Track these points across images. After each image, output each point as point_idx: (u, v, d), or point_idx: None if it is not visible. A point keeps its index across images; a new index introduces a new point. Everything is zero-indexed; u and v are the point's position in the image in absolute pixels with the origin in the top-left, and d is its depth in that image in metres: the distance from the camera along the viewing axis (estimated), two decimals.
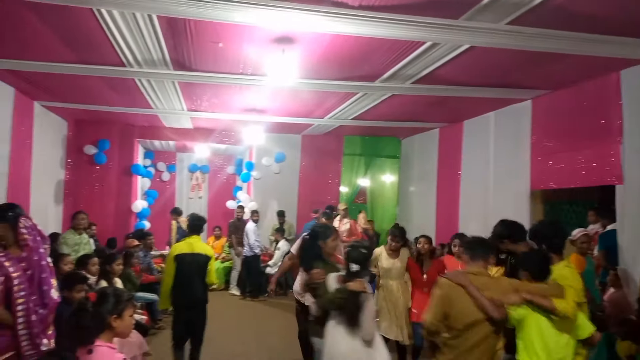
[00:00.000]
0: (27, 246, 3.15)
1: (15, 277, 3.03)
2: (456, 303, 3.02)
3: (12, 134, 6.60)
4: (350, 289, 3.41)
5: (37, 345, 3.13)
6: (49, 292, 3.25)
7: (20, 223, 3.17)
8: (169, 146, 11.51)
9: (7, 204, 3.32)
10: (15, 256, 3.10)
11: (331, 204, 10.33)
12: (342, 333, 3.42)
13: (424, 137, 9.81)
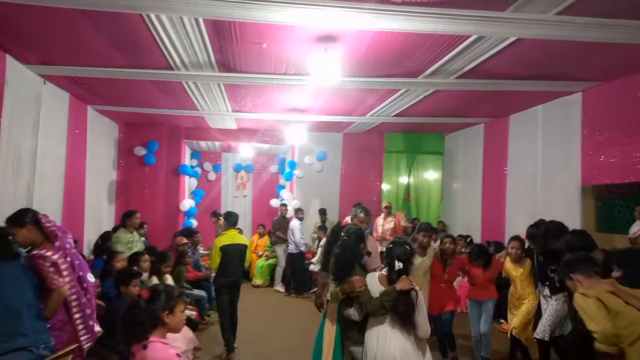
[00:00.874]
0: (57, 236, 3.30)
1: (61, 262, 3.20)
2: (618, 308, 2.75)
3: (68, 136, 6.92)
4: (400, 289, 3.21)
5: (91, 328, 3.30)
6: (86, 276, 3.42)
7: (42, 219, 3.32)
8: (215, 146, 11.78)
9: (21, 210, 3.42)
10: (52, 247, 3.27)
11: (372, 201, 10.37)
12: (394, 335, 3.24)
13: (469, 133, 9.62)
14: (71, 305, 3.23)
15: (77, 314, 3.26)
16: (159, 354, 2.27)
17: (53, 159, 6.49)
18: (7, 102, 5.17)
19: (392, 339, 3.24)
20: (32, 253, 3.19)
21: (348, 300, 3.53)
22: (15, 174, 5.47)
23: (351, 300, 3.50)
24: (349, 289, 3.46)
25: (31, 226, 3.26)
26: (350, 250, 3.69)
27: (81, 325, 3.27)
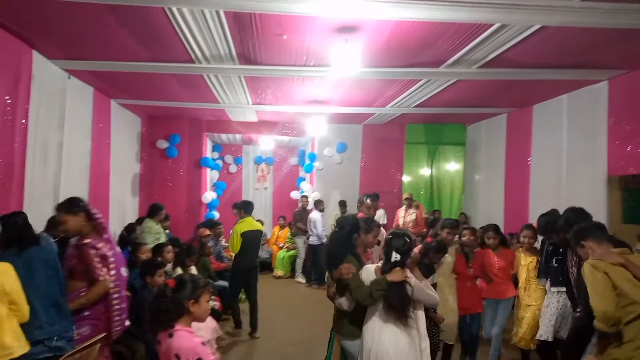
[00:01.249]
0: (105, 228, 3.37)
1: (110, 254, 3.28)
2: (623, 286, 2.71)
3: (92, 130, 7.04)
4: (391, 280, 3.11)
5: (123, 321, 3.39)
6: (120, 270, 3.50)
7: (92, 210, 3.39)
8: (235, 139, 11.86)
9: (71, 198, 3.47)
10: (101, 238, 3.34)
11: (393, 193, 10.33)
12: (388, 330, 3.12)
13: (491, 123, 9.48)
14: (112, 297, 3.31)
15: (116, 305, 3.33)
16: (184, 342, 2.32)
17: (78, 153, 6.62)
18: (33, 97, 5.28)
19: (387, 334, 3.12)
20: (83, 242, 3.26)
21: (340, 290, 3.45)
22: (42, 167, 5.60)
23: (343, 289, 3.41)
24: (337, 276, 3.39)
25: (82, 215, 3.34)
26: (340, 241, 3.59)
27: (117, 317, 3.35)
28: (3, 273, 2.81)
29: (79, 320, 3.26)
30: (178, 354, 2.28)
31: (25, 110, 5.13)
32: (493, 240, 5.07)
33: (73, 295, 3.30)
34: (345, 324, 3.43)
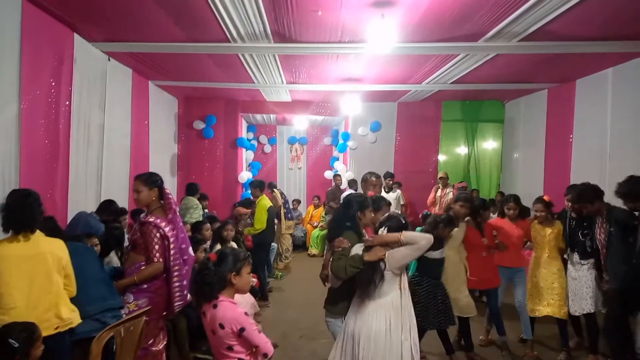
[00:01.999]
0: (172, 209, 3.47)
1: (170, 235, 3.38)
2: None
3: (132, 111, 7.22)
4: (367, 260, 3.05)
5: (184, 297, 3.51)
6: (187, 250, 3.61)
7: (166, 189, 3.49)
8: (270, 119, 11.94)
9: (151, 173, 3.60)
10: (165, 218, 3.44)
11: (428, 172, 10.21)
12: (372, 314, 3.06)
13: (531, 99, 9.20)
14: (173, 275, 3.42)
15: (177, 282, 3.45)
16: (228, 312, 2.38)
17: (119, 133, 6.80)
18: (76, 80, 5.43)
19: (371, 311, 3.07)
20: (147, 219, 3.37)
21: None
22: (86, 147, 5.79)
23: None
24: (331, 249, 3.40)
25: (155, 191, 3.46)
26: (341, 216, 3.56)
27: (178, 293, 3.48)
28: (60, 248, 2.96)
29: (137, 292, 3.39)
30: (222, 323, 2.35)
31: (68, 93, 5.29)
32: (513, 211, 4.99)
33: (133, 269, 3.42)
34: (331, 302, 3.45)
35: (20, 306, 2.70)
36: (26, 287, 2.75)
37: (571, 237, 4.74)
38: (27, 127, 4.51)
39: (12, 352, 2.40)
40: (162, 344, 3.58)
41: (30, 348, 2.47)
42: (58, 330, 2.80)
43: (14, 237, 2.81)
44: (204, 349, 4.63)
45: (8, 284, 2.71)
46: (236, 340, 2.39)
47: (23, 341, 2.44)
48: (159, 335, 3.56)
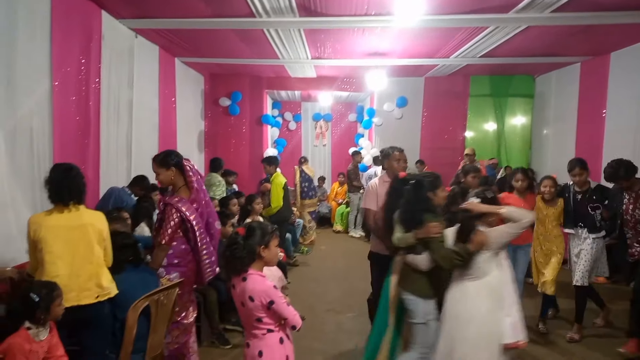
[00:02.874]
0: (194, 188, 3.51)
1: (192, 218, 3.43)
2: None
3: (159, 88, 7.29)
4: (472, 250, 3.01)
5: (214, 270, 3.60)
6: (214, 224, 3.68)
7: (186, 166, 3.52)
8: (295, 96, 11.91)
9: (168, 151, 3.60)
10: (186, 198, 3.49)
11: (455, 149, 10.07)
12: (470, 289, 3.05)
13: (563, 74, 8.92)
14: (202, 252, 3.50)
15: (206, 258, 3.53)
16: (257, 285, 2.42)
17: (147, 110, 6.89)
18: (104, 56, 5.50)
19: (471, 293, 3.04)
20: (170, 200, 3.42)
21: (417, 247, 3.23)
22: (116, 123, 5.89)
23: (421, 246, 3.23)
24: (424, 235, 3.15)
25: (175, 169, 3.50)
26: (419, 198, 3.31)
27: (208, 267, 3.56)
28: (101, 221, 3.06)
29: (168, 267, 3.48)
30: (252, 296, 2.40)
31: (97, 70, 5.37)
32: (521, 183, 4.87)
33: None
34: (416, 281, 3.27)
35: (64, 274, 2.80)
36: (69, 256, 2.86)
37: (576, 211, 4.73)
38: (59, 103, 4.61)
39: (33, 306, 2.53)
40: (192, 317, 3.68)
41: (50, 304, 2.58)
42: (98, 299, 2.91)
43: (59, 208, 2.91)
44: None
45: (52, 252, 2.81)
46: (265, 313, 2.43)
47: (44, 297, 2.55)
48: (190, 309, 3.65)
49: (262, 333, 2.46)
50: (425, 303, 3.22)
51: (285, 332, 2.53)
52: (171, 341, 3.53)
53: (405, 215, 3.33)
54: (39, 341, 2.56)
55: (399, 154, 4.19)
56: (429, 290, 3.24)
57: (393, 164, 4.15)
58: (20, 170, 4.14)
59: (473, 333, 2.96)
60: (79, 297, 2.85)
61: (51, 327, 2.67)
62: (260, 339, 2.47)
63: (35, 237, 2.81)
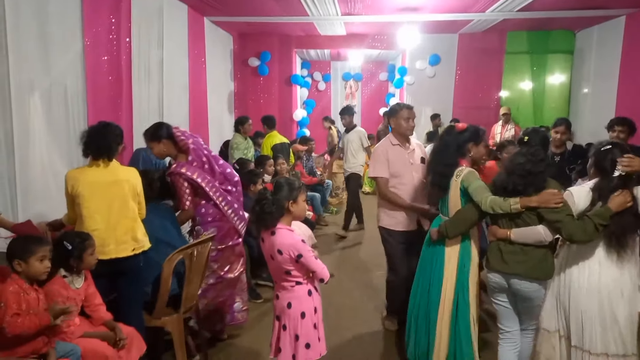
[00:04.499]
0: (189, 148, 3.52)
1: (199, 178, 3.46)
2: None
3: (189, 48, 7.28)
4: (615, 210, 2.47)
5: (242, 217, 3.68)
6: (232, 173, 3.73)
7: (176, 132, 3.52)
8: (324, 55, 11.74)
9: (157, 124, 3.63)
10: (186, 162, 3.51)
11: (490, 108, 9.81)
12: (601, 261, 2.56)
13: (605, 28, 8.46)
14: (221, 205, 3.56)
15: (229, 210, 3.60)
16: (286, 239, 2.47)
17: (177, 70, 6.91)
18: (134, 16, 5.49)
19: (602, 263, 2.57)
20: (170, 170, 3.47)
21: (521, 217, 2.69)
22: (146, 82, 5.94)
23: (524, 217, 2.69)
24: (539, 203, 2.60)
25: (166, 140, 3.53)
26: (538, 159, 2.69)
27: (235, 217, 3.63)
28: (135, 177, 3.15)
29: (205, 224, 3.57)
30: (280, 249, 2.44)
31: (128, 29, 5.38)
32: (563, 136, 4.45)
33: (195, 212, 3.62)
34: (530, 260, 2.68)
35: (101, 228, 2.91)
36: (106, 211, 2.95)
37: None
38: (92, 63, 4.66)
39: (67, 254, 2.65)
40: (238, 272, 3.76)
41: (82, 252, 2.69)
42: (134, 252, 3.02)
43: (94, 163, 2.99)
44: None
45: (90, 207, 2.91)
46: (294, 266, 2.48)
47: (77, 245, 2.67)
48: (234, 263, 3.72)
49: (291, 285, 2.52)
50: (545, 285, 2.74)
51: (313, 284, 2.58)
52: (216, 295, 3.64)
53: (521, 180, 2.66)
54: (75, 289, 2.70)
55: (408, 111, 3.73)
56: (552, 268, 2.72)
57: (401, 123, 3.71)
58: (57, 129, 4.25)
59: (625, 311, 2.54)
60: (117, 250, 2.96)
61: (86, 276, 2.79)
62: (289, 291, 2.53)
63: (73, 192, 2.91)
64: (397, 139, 3.80)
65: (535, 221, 2.66)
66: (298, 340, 2.49)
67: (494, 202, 2.74)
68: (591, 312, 2.55)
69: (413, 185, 3.74)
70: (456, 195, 3.00)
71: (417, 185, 3.74)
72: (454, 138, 3.13)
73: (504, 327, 2.92)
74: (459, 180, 2.97)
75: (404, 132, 3.76)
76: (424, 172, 3.64)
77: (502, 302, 2.88)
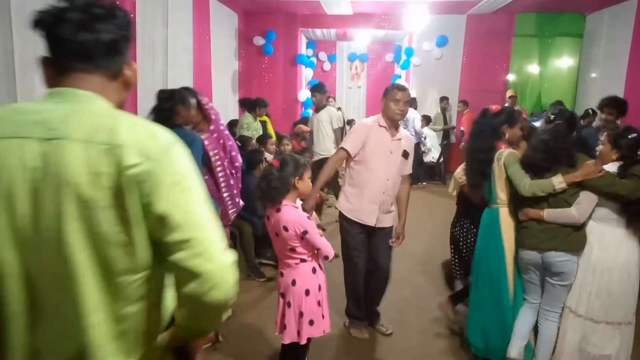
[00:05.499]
0: (211, 119, 3.50)
1: (211, 148, 3.45)
2: None
3: (193, 26, 7.21)
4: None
5: (237, 203, 3.66)
6: (237, 157, 3.69)
7: (203, 100, 3.50)
8: (330, 35, 11.61)
9: (182, 88, 3.49)
10: (207, 129, 3.50)
11: (496, 91, 9.71)
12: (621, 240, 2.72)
13: (616, 10, 8.32)
14: (221, 185, 3.54)
15: (225, 193, 3.58)
16: (292, 215, 2.47)
17: (182, 48, 6.86)
18: None
19: (619, 244, 2.72)
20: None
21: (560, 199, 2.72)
22: (151, 60, 5.90)
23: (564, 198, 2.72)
24: (584, 177, 2.64)
25: (193, 107, 3.50)
26: (564, 135, 2.80)
27: (229, 201, 3.61)
28: None
29: None
30: (286, 225, 2.44)
31: (132, 5, 5.33)
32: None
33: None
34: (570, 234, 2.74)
35: None
36: None
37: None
38: None
39: None
40: None
41: None
42: None
43: None
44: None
45: None
46: (299, 242, 2.48)
47: None
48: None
49: (295, 262, 2.53)
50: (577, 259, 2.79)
51: (318, 262, 2.59)
52: None
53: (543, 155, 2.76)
54: None
55: (401, 93, 3.28)
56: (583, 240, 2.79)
57: (390, 105, 3.27)
58: None
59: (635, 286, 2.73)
60: None
61: None
62: (293, 268, 2.54)
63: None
64: (385, 121, 3.32)
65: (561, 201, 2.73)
66: (302, 317, 2.50)
67: (534, 187, 2.74)
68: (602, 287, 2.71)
69: (379, 178, 3.29)
70: (502, 179, 2.96)
71: (385, 181, 3.30)
72: (489, 121, 3.08)
73: (530, 299, 2.95)
74: (501, 163, 2.94)
75: (392, 115, 3.26)
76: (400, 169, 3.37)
77: (533, 280, 2.91)
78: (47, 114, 1.04)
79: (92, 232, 1.02)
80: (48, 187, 1.01)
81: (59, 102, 1.07)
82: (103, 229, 1.02)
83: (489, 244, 3.07)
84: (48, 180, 1.01)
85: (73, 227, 1.01)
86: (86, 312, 1.04)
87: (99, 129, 1.03)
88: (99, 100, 1.10)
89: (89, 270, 1.03)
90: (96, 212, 1.01)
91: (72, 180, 1.00)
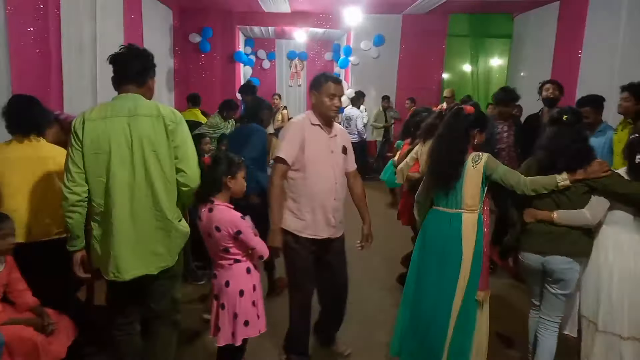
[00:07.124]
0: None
1: None
2: None
3: (124, 22, 6.91)
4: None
5: None
6: None
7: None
8: (269, 33, 11.49)
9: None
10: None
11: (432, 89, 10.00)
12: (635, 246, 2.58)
13: (541, 13, 8.79)
14: None
15: None
16: (224, 215, 2.41)
17: (112, 44, 6.40)
18: None
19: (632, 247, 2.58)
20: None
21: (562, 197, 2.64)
22: (78, 56, 5.60)
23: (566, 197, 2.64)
24: (589, 175, 2.56)
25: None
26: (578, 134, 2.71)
27: None
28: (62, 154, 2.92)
29: None
30: (218, 225, 2.38)
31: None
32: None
33: None
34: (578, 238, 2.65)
35: (23, 209, 2.72)
36: (27, 190, 2.75)
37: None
38: (15, 34, 4.31)
39: None
40: None
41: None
42: (58, 237, 2.81)
43: (18, 139, 2.79)
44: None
45: (10, 185, 2.71)
46: (232, 243, 2.43)
47: None
48: None
49: (228, 263, 2.48)
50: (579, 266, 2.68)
51: (252, 262, 2.54)
52: None
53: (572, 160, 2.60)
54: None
55: (335, 86, 2.85)
56: (588, 246, 2.68)
57: (324, 100, 2.84)
58: None
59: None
60: (42, 233, 2.78)
61: (7, 261, 2.59)
62: (227, 269, 2.48)
63: None
64: (317, 118, 2.91)
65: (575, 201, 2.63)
66: (236, 319, 2.45)
67: (536, 184, 2.63)
68: (623, 297, 2.54)
69: (326, 183, 2.88)
70: (475, 183, 2.69)
71: (334, 185, 2.91)
72: (462, 122, 2.77)
73: (537, 302, 2.89)
74: (479, 167, 2.67)
75: (326, 111, 2.86)
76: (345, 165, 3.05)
77: (536, 284, 2.86)
78: (125, 104, 2.31)
79: (157, 157, 2.30)
80: (135, 139, 2.26)
81: (126, 99, 2.34)
82: (162, 156, 2.31)
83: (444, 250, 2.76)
84: (134, 135, 2.26)
85: (150, 155, 2.28)
86: (159, 195, 2.32)
87: (152, 109, 2.31)
88: (142, 97, 2.37)
89: (159, 176, 2.31)
90: (158, 147, 2.30)
91: (145, 133, 2.27)
